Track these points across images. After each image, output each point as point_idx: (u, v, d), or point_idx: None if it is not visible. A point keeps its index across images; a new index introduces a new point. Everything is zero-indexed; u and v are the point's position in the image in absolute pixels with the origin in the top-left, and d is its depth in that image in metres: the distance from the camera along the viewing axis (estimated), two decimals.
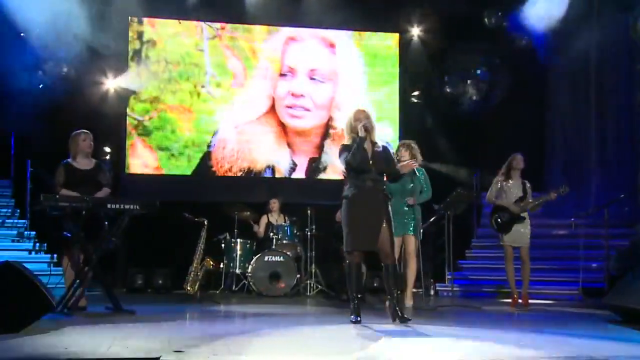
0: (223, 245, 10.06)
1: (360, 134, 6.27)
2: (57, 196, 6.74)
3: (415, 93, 12.22)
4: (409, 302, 8.14)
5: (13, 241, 10.31)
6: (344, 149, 6.41)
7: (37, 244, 10.21)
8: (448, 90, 11.87)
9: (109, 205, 6.86)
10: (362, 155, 6.26)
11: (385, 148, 6.52)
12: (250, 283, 9.65)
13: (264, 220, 10.49)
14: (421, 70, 12.03)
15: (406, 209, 8.13)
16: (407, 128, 11.94)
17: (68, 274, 7.06)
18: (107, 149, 11.24)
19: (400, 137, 11.66)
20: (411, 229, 8.11)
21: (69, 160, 7.21)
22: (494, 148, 11.12)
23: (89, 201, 6.79)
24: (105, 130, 10.95)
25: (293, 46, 12.04)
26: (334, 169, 11.55)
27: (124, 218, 6.98)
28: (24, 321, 5.22)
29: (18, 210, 10.81)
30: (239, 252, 9.95)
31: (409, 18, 12.08)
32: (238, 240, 10.02)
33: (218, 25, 11.81)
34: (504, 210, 8.58)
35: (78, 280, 6.86)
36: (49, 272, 9.17)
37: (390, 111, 12.13)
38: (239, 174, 11.68)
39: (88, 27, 10.57)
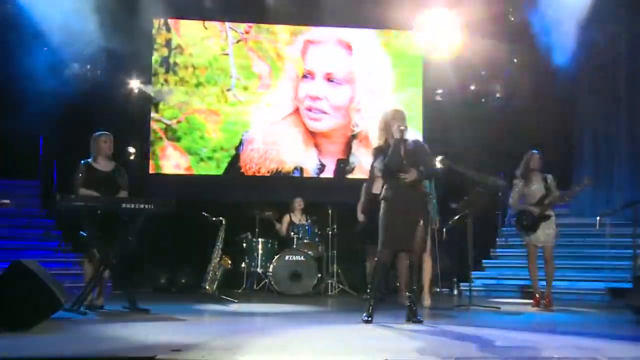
0: (245, 244, 10.11)
1: (395, 136, 6.24)
2: (73, 196, 6.82)
3: (439, 91, 12.07)
4: (426, 302, 8.09)
5: (40, 240, 10.48)
6: (378, 152, 6.42)
7: (63, 243, 10.32)
8: (473, 89, 11.72)
9: (124, 205, 6.90)
10: (397, 156, 6.23)
11: (416, 142, 6.48)
12: (271, 282, 9.66)
13: (286, 219, 10.51)
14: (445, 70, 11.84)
15: None
16: (431, 128, 11.84)
17: (86, 272, 7.14)
18: (131, 150, 11.33)
19: (425, 139, 11.61)
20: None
21: (89, 160, 7.28)
22: (521, 146, 10.94)
23: (105, 201, 6.87)
24: (130, 131, 11.11)
25: (312, 49, 12.04)
26: (362, 169, 11.50)
27: (140, 218, 7.03)
28: (34, 319, 5.29)
29: (46, 210, 10.99)
30: (260, 252, 10.00)
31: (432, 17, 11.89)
32: (259, 239, 10.07)
33: (242, 28, 11.85)
34: (525, 214, 8.42)
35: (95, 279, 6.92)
36: (74, 271, 9.60)
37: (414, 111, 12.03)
38: (267, 175, 11.72)
39: (112, 29, 10.72)
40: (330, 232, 10.04)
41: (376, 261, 6.41)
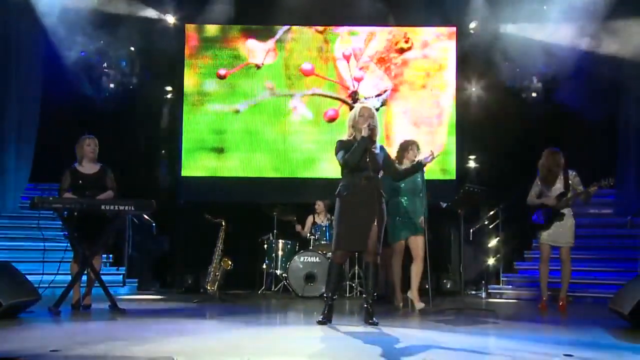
0: (265, 245, 10.14)
1: (363, 133, 6.13)
2: (51, 198, 7.02)
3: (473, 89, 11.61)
4: (417, 304, 7.78)
5: None
6: (342, 146, 6.28)
7: None
8: (508, 86, 11.24)
9: (103, 207, 7.04)
10: (364, 152, 6.13)
11: (382, 148, 6.37)
12: (287, 283, 9.65)
13: (309, 220, 10.47)
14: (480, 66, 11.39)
15: (419, 207, 7.83)
16: (464, 126, 11.49)
17: (72, 272, 7.31)
18: (163, 152, 11.60)
19: (457, 137, 11.33)
20: (421, 227, 7.79)
21: (75, 164, 7.48)
22: (561, 145, 10.40)
23: (83, 203, 7.02)
24: (162, 135, 11.40)
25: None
26: None
27: (120, 218, 7.21)
28: None
29: None
30: (280, 253, 10.00)
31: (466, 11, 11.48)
32: (279, 241, 10.07)
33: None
34: (543, 209, 8.04)
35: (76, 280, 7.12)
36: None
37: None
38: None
39: (144, 35, 11.05)
40: None
41: (330, 262, 6.32)
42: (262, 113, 11.74)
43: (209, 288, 8.88)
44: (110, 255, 10.58)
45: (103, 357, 4.18)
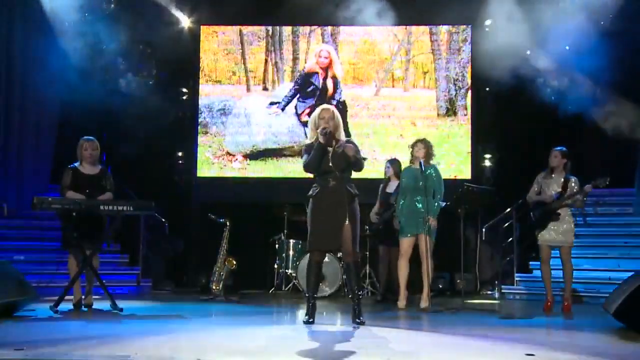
0: (277, 245, 10.15)
1: (320, 140, 6.14)
2: (50, 199, 7.14)
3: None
4: (424, 303, 7.72)
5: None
6: (306, 150, 6.35)
7: (111, 245, 10.75)
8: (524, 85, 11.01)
9: (102, 207, 7.14)
10: (322, 158, 6.16)
11: (348, 142, 6.30)
12: (297, 283, 9.66)
13: None
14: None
15: (419, 206, 7.75)
16: (480, 124, 11.34)
17: (71, 271, 7.42)
18: (180, 154, 11.68)
19: (473, 135, 11.18)
20: (424, 228, 7.69)
21: (76, 164, 7.59)
22: (579, 145, 10.18)
23: (82, 203, 7.11)
24: (178, 136, 11.48)
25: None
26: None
27: (118, 219, 7.29)
28: None
29: None
30: (291, 252, 10.01)
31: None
32: (290, 240, 10.08)
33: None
34: (538, 206, 7.93)
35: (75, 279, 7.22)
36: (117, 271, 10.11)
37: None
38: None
39: (159, 38, 11.16)
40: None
41: (308, 262, 6.35)
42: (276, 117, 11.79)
43: (214, 287, 8.94)
44: (126, 255, 10.72)
45: (63, 355, 4.23)
